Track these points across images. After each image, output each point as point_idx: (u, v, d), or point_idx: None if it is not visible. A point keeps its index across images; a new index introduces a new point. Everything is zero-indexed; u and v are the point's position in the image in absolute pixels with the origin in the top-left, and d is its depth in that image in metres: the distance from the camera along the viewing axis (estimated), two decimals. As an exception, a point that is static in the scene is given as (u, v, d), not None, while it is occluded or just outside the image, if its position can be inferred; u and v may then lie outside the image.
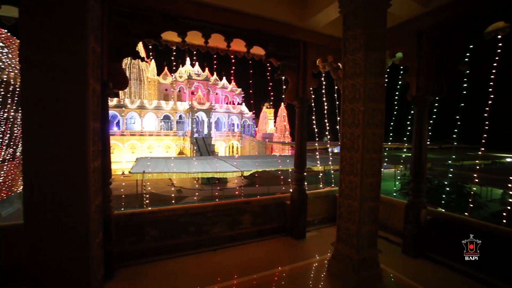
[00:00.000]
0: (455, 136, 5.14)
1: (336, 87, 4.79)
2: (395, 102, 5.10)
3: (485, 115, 4.03)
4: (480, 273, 3.02)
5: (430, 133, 3.83)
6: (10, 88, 10.63)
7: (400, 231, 3.81)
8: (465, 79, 4.03)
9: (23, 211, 1.55)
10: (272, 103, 46.08)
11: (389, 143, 6.46)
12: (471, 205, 12.23)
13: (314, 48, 4.14)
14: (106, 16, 2.82)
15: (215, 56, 4.27)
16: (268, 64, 4.65)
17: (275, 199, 4.55)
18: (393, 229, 4.16)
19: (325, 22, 3.77)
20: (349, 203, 2.88)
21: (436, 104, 4.31)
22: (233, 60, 5.38)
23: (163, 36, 3.33)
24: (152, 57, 40.48)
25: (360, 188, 2.75)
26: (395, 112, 5.31)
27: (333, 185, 5.95)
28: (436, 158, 23.39)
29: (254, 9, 3.52)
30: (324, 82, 5.10)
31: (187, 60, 42.37)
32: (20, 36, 1.54)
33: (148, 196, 15.43)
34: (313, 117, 5.70)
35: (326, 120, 5.84)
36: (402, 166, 22.85)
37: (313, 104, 4.94)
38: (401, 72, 3.84)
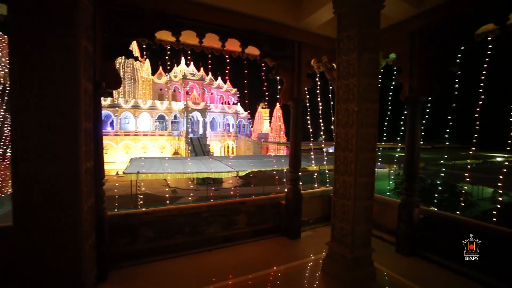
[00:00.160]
0: (447, 136, 5.23)
1: (330, 87, 4.81)
2: (389, 103, 5.16)
3: (476, 115, 4.10)
4: (472, 270, 3.08)
5: (423, 133, 3.88)
6: (0, 87, 10.42)
7: (394, 230, 3.86)
8: (456, 80, 4.11)
9: (13, 212, 1.52)
10: (267, 103, 46.18)
11: (383, 143, 6.54)
12: (463, 203, 12.47)
13: (309, 48, 4.16)
14: (99, 14, 2.79)
15: (210, 56, 4.26)
16: (263, 64, 4.66)
17: (270, 199, 4.56)
18: (387, 228, 4.21)
19: (319, 23, 3.79)
20: (344, 202, 2.90)
21: (429, 105, 4.38)
22: (228, 60, 5.38)
23: (157, 35, 3.30)
24: (147, 57, 40.18)
25: (354, 187, 2.77)
26: (388, 113, 5.37)
27: (328, 185, 5.98)
28: (429, 157, 23.72)
29: (249, 9, 3.51)
30: (319, 82, 5.12)
31: (182, 60, 42.19)
32: (9, 34, 1.51)
33: (143, 196, 15.29)
34: (308, 117, 5.72)
35: (320, 120, 5.87)
36: (395, 166, 23.13)
37: (308, 104, 4.98)
38: (395, 72, 3.89)
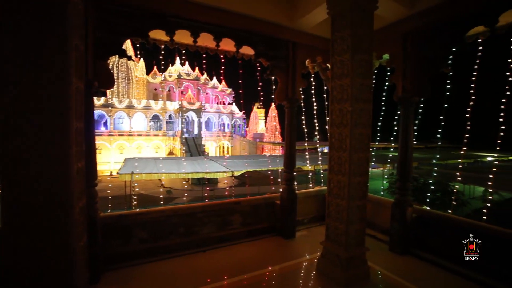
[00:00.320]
0: (439, 136, 5.31)
1: (325, 87, 4.83)
2: (383, 103, 5.21)
3: (467, 115, 4.18)
4: (463, 268, 3.13)
5: (416, 133, 3.93)
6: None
7: (388, 229, 3.89)
8: (448, 81, 4.18)
9: (1, 214, 1.48)
10: (262, 103, 46.20)
11: (377, 143, 6.61)
12: (455, 202, 12.68)
13: (304, 48, 4.17)
14: (91, 13, 2.75)
15: (204, 55, 4.24)
16: (258, 64, 4.65)
17: (265, 199, 4.56)
18: (381, 227, 4.25)
19: (314, 23, 3.80)
20: (338, 202, 2.91)
21: (422, 105, 4.44)
22: (223, 60, 5.37)
23: (151, 34, 3.27)
24: (141, 56, 39.84)
25: (348, 187, 2.79)
26: (382, 113, 5.43)
27: (322, 185, 6.01)
28: (422, 157, 24.05)
29: (244, 8, 3.50)
30: (313, 83, 5.15)
31: (177, 59, 41.97)
32: (-2, 32, 1.48)
33: (137, 197, 15.14)
34: (303, 117, 5.74)
35: (315, 120, 5.90)
36: (389, 166, 23.36)
37: (302, 104, 4.99)
38: (388, 73, 3.93)
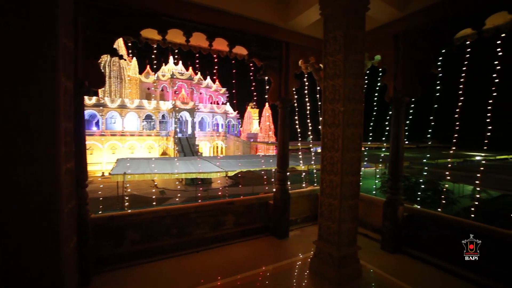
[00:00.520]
0: (429, 136, 5.41)
1: (318, 87, 4.86)
2: (374, 103, 5.27)
3: (456, 116, 4.26)
4: (452, 265, 3.19)
5: (407, 133, 3.99)
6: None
7: (380, 227, 3.94)
8: (438, 82, 4.26)
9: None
10: (255, 103, 46.18)
11: (369, 143, 6.69)
12: (445, 201, 12.94)
13: (297, 49, 4.19)
14: (81, 11, 2.70)
15: (198, 55, 4.21)
16: (251, 64, 4.65)
17: (258, 199, 4.56)
18: (373, 226, 4.30)
19: (307, 24, 3.82)
20: (330, 201, 2.93)
21: (413, 106, 4.51)
22: (216, 60, 5.34)
23: (143, 33, 3.23)
24: (134, 55, 39.36)
25: (340, 187, 2.81)
26: (374, 113, 5.49)
27: (315, 184, 6.05)
28: (414, 156, 24.47)
29: (237, 8, 3.50)
30: (307, 83, 5.17)
31: (170, 59, 41.59)
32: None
33: (129, 198, 14.94)
34: (296, 117, 5.77)
35: (309, 120, 5.93)
36: (381, 165, 23.68)
37: (296, 104, 5.01)
38: (380, 74, 3.98)
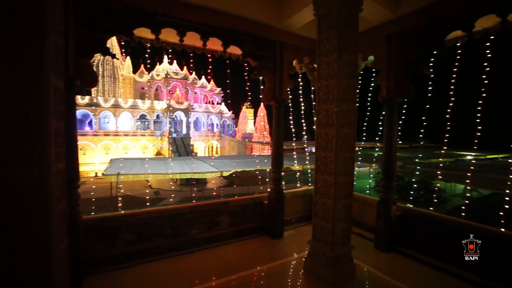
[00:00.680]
0: (421, 136, 5.48)
1: (312, 87, 4.88)
2: (368, 103, 5.32)
3: (447, 116, 4.33)
4: (444, 263, 3.24)
5: (401, 133, 4.03)
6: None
7: (373, 227, 3.98)
8: (430, 83, 4.32)
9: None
10: (250, 103, 46.16)
11: (363, 143, 6.75)
12: (437, 200, 13.15)
13: (291, 49, 4.21)
14: (73, 9, 2.66)
15: (192, 54, 4.19)
16: (246, 64, 4.65)
17: (253, 199, 4.56)
18: (367, 225, 4.34)
19: (301, 24, 3.84)
20: (324, 201, 2.95)
21: (406, 106, 4.56)
22: (211, 59, 5.32)
23: (136, 32, 3.21)
24: (128, 54, 38.93)
25: (334, 187, 2.83)
26: (367, 113, 5.54)
27: (310, 184, 6.07)
28: (407, 156, 24.75)
29: (231, 8, 3.49)
30: (301, 83, 5.19)
31: (165, 58, 41.26)
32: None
33: (122, 199, 14.77)
34: (291, 117, 5.78)
35: (303, 120, 5.95)
36: (374, 165, 23.92)
37: (290, 104, 5.02)
38: (373, 74, 4.02)
